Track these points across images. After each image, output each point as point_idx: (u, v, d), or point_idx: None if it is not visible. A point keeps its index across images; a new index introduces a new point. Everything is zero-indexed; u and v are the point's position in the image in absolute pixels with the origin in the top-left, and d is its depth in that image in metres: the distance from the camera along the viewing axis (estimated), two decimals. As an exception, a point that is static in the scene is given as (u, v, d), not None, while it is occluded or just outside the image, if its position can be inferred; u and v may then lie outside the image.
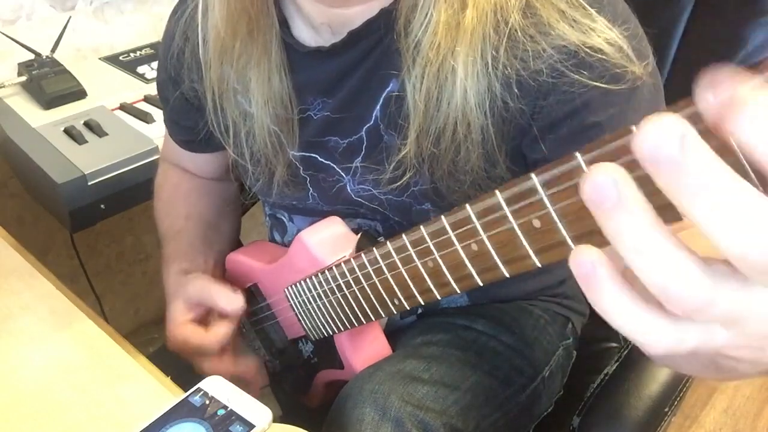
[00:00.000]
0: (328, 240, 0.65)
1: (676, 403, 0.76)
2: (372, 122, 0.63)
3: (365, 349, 0.70)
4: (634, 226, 0.24)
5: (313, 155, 0.68)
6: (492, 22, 0.54)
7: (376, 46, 0.60)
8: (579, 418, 0.78)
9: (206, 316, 0.74)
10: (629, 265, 0.24)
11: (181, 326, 0.72)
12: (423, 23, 0.55)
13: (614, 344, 0.86)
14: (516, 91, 0.55)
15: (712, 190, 0.22)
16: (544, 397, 0.77)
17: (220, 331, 0.70)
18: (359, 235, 0.65)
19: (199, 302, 0.72)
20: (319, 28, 0.63)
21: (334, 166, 0.67)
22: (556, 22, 0.53)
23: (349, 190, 0.68)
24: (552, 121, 0.55)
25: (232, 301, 0.69)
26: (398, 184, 0.62)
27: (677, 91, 0.25)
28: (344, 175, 0.67)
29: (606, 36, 0.53)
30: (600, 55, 0.52)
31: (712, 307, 0.24)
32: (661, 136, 0.22)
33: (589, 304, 0.28)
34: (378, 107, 0.62)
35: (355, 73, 0.62)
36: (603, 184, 0.24)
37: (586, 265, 0.26)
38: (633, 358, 0.82)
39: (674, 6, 0.84)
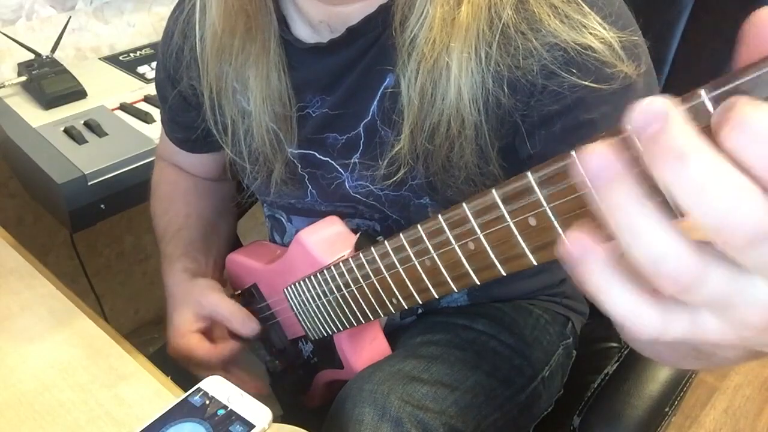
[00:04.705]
0: (326, 239, 0.65)
1: (676, 403, 0.76)
2: (369, 118, 0.63)
3: (365, 348, 0.70)
4: (627, 201, 0.24)
5: (312, 152, 0.68)
6: (486, 18, 0.54)
7: (374, 43, 0.60)
8: (579, 418, 0.77)
9: (211, 327, 0.74)
10: (623, 244, 0.24)
11: (187, 336, 0.72)
12: (419, 19, 0.55)
13: (614, 344, 0.86)
14: (507, 89, 0.55)
15: (690, 160, 0.22)
16: (544, 396, 0.76)
17: (226, 350, 0.71)
18: (358, 234, 0.65)
19: (211, 317, 0.73)
20: (317, 27, 0.63)
21: (333, 163, 0.67)
22: (548, 18, 0.53)
23: (347, 186, 0.68)
24: (543, 117, 0.55)
25: (246, 326, 0.71)
26: (392, 180, 0.62)
27: (676, 91, 0.25)
28: (343, 172, 0.67)
29: (597, 34, 0.52)
30: (591, 53, 0.52)
31: (702, 285, 0.24)
32: (648, 113, 0.23)
33: (589, 304, 0.28)
34: (375, 103, 0.62)
35: (353, 70, 0.62)
36: (599, 162, 0.24)
37: (578, 244, 0.26)
38: (633, 358, 0.81)
39: (674, 6, 0.84)
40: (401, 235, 0.48)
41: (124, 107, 1.16)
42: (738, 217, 0.21)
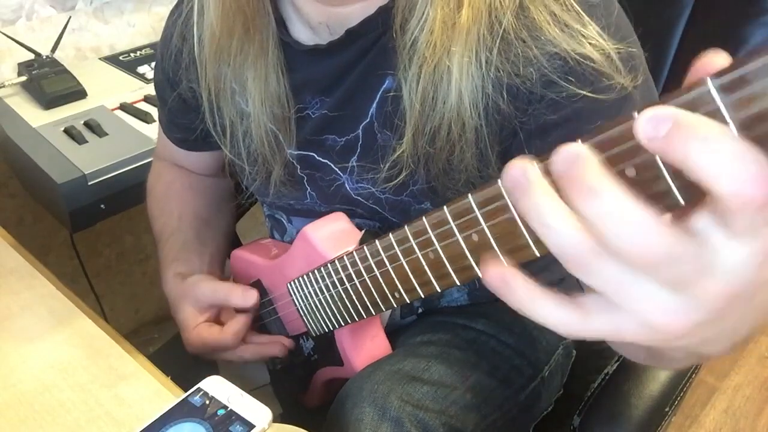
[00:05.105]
0: (332, 235, 0.66)
1: (676, 403, 0.76)
2: (368, 120, 0.63)
3: (365, 346, 0.70)
4: (541, 201, 0.29)
5: (311, 153, 0.68)
6: (486, 22, 0.54)
7: (373, 45, 0.60)
8: (579, 418, 0.77)
9: (218, 315, 0.75)
10: (539, 234, 0.29)
11: (197, 330, 0.73)
12: (420, 21, 0.55)
13: (614, 344, 0.86)
14: (506, 95, 0.55)
15: (601, 195, 0.27)
16: (544, 396, 0.77)
17: (236, 327, 0.71)
18: (363, 231, 0.65)
19: (212, 304, 0.73)
20: (317, 28, 0.63)
21: (331, 165, 0.67)
22: (548, 25, 0.53)
23: (348, 188, 0.68)
24: (540, 126, 0.55)
25: (247, 297, 0.71)
26: (394, 183, 0.62)
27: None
28: (341, 174, 0.67)
29: (596, 43, 0.52)
30: (589, 63, 0.52)
31: (599, 264, 0.28)
32: (567, 160, 0.27)
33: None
34: (374, 105, 0.62)
35: (353, 72, 0.62)
36: (515, 175, 0.29)
37: (498, 273, 0.31)
38: (633, 358, 0.81)
39: (674, 6, 0.84)
40: (405, 227, 0.48)
41: (124, 107, 1.16)
42: (640, 243, 0.26)
